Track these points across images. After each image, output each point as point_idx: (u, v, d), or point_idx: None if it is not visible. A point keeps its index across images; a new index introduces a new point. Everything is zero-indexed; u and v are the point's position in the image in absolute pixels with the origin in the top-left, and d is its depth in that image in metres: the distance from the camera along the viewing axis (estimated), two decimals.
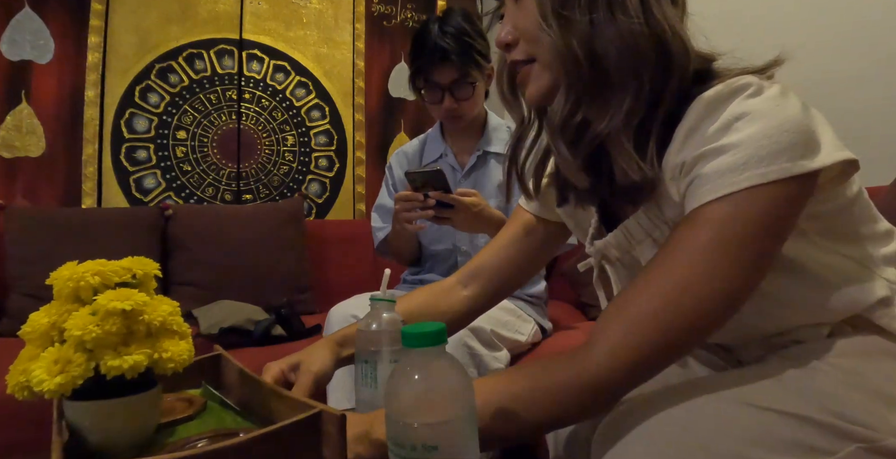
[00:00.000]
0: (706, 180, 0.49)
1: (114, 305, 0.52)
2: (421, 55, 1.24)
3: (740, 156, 0.48)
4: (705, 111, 0.51)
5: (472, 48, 1.23)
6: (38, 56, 1.91)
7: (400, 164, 1.44)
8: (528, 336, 1.15)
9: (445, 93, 1.26)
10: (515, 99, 0.64)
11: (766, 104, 0.49)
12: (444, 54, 1.20)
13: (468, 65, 1.22)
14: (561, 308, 1.70)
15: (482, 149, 1.36)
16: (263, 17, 2.30)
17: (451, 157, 1.39)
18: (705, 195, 0.49)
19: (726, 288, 0.48)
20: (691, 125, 0.51)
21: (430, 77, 1.25)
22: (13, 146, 1.87)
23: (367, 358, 0.64)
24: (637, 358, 0.48)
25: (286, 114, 2.32)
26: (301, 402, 0.54)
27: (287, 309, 1.46)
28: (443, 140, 1.41)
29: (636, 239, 0.60)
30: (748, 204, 0.47)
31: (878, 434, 0.47)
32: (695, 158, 0.50)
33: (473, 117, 1.34)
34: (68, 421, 0.53)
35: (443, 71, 1.23)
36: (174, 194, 2.11)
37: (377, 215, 1.43)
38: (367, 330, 0.64)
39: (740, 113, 0.49)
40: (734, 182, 0.47)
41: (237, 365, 0.71)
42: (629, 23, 0.52)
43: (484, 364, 0.96)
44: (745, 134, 0.48)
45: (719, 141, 0.49)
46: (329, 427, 0.49)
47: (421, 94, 1.31)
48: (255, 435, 0.47)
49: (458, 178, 1.36)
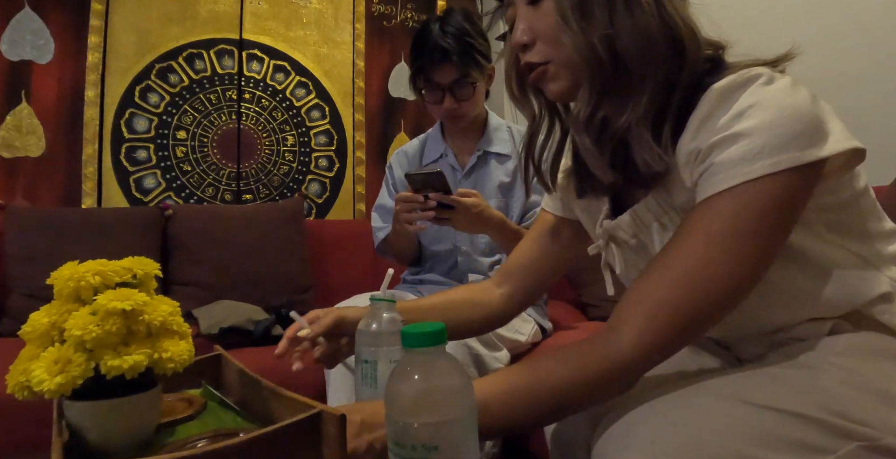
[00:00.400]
0: (719, 169, 0.51)
1: (114, 305, 0.52)
2: (421, 55, 1.24)
3: (752, 146, 0.49)
4: (718, 100, 0.52)
5: (473, 48, 1.23)
6: (38, 56, 1.91)
7: (400, 164, 1.43)
8: (528, 336, 1.15)
9: (446, 94, 1.26)
10: (525, 97, 0.66)
11: (777, 93, 0.50)
12: (444, 54, 1.20)
13: (469, 65, 1.22)
14: (561, 308, 1.70)
15: (482, 149, 1.35)
16: (263, 17, 2.30)
17: (451, 157, 1.39)
18: (719, 184, 0.50)
19: (737, 275, 0.50)
20: (705, 113, 0.53)
21: (430, 77, 1.24)
22: (13, 146, 1.87)
23: (368, 357, 0.64)
24: (659, 342, 0.51)
25: (286, 114, 2.32)
26: (301, 402, 0.54)
27: (287, 309, 1.46)
28: (443, 140, 1.40)
29: (644, 223, 0.62)
30: (759, 193, 0.49)
31: (878, 433, 0.47)
32: (709, 146, 0.52)
33: (474, 117, 1.34)
34: (68, 421, 0.53)
35: (443, 71, 1.23)
36: (174, 194, 2.11)
37: (377, 215, 1.43)
38: (367, 330, 0.64)
39: (753, 102, 0.50)
40: (747, 172, 0.49)
41: (237, 365, 0.71)
42: (644, 18, 0.54)
43: (484, 364, 0.96)
44: (757, 122, 0.49)
45: (732, 129, 0.50)
46: (329, 427, 0.49)
47: (421, 95, 1.31)
48: (255, 435, 0.47)
49: (459, 178, 1.36)
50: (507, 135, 1.38)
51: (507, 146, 1.36)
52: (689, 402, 0.50)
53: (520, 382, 0.54)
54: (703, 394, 0.51)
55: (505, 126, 1.40)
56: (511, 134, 1.39)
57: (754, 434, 0.46)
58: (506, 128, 1.39)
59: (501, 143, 1.36)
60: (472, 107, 1.30)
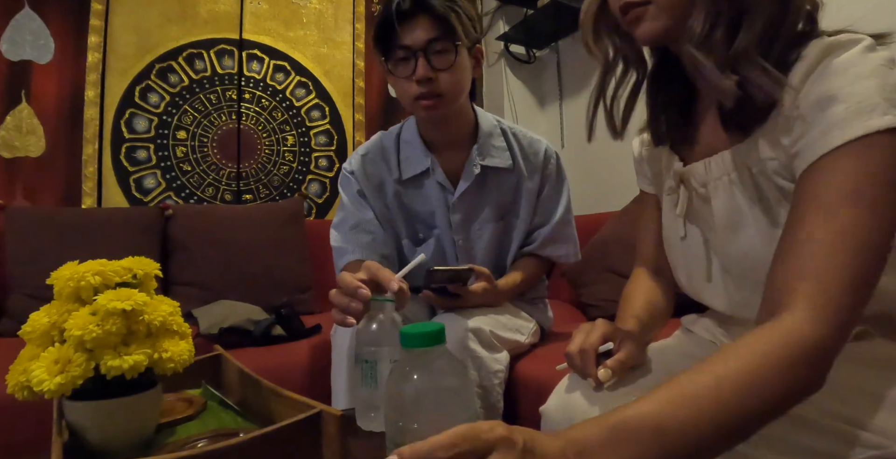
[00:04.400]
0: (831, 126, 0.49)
1: (114, 305, 0.52)
2: (386, 8, 0.97)
3: (867, 103, 0.48)
4: (824, 53, 0.51)
5: (457, 4, 0.99)
6: (38, 56, 1.91)
7: (368, 176, 1.13)
8: (528, 336, 1.15)
9: (419, 59, 0.97)
10: (599, 40, 0.65)
11: (883, 59, 0.50)
12: (420, 2, 0.95)
13: (450, 20, 0.95)
14: (561, 308, 1.70)
15: (477, 164, 1.09)
16: (263, 17, 2.30)
17: (439, 173, 1.10)
18: (833, 140, 0.48)
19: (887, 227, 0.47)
20: (810, 66, 0.52)
21: (398, 36, 0.96)
22: (13, 146, 1.87)
23: (368, 358, 0.64)
24: (842, 312, 0.45)
25: (286, 114, 2.32)
26: (301, 402, 0.55)
27: (287, 309, 1.46)
28: (425, 148, 1.11)
29: (714, 176, 0.62)
30: (883, 147, 0.47)
31: (891, 442, 0.46)
32: (817, 100, 0.50)
33: (456, 109, 1.05)
34: (68, 421, 0.53)
35: (417, 26, 0.95)
36: (174, 194, 2.11)
37: (339, 234, 1.11)
38: (367, 330, 0.64)
39: (860, 62, 0.49)
40: (864, 126, 0.47)
41: (237, 365, 0.71)
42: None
43: (485, 366, 0.96)
44: (869, 83, 0.48)
45: (842, 87, 0.49)
46: (329, 427, 0.49)
47: (386, 66, 1.01)
48: (255, 435, 0.47)
49: (451, 200, 1.11)
50: (503, 141, 1.13)
51: (507, 156, 1.12)
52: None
53: (693, 389, 0.42)
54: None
55: (499, 128, 1.15)
56: (508, 137, 1.14)
57: (759, 437, 0.45)
58: (500, 132, 1.14)
59: (500, 154, 1.11)
60: (452, 85, 1.00)
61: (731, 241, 0.61)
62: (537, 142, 1.17)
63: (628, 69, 0.67)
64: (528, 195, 1.14)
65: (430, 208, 1.13)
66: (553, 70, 2.54)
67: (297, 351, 1.32)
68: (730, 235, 0.61)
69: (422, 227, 1.15)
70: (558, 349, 1.13)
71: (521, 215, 1.14)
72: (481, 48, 1.07)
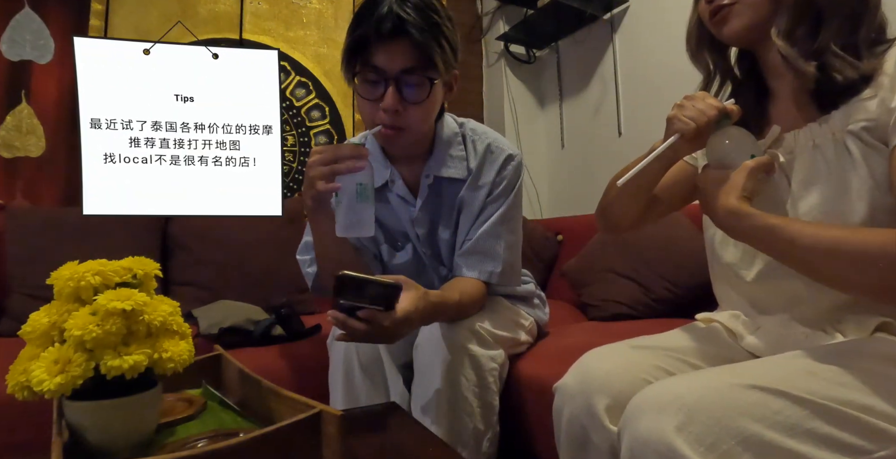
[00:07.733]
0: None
1: (114, 305, 0.52)
2: (365, 22, 0.87)
3: None
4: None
5: (440, 28, 0.89)
6: (38, 56, 1.91)
7: None
8: (526, 334, 1.15)
9: (390, 86, 0.89)
10: (700, 54, 0.78)
11: None
12: (399, 24, 0.86)
13: (430, 48, 0.88)
14: (561, 308, 1.70)
15: (431, 175, 1.05)
16: (263, 17, 2.30)
17: (399, 186, 1.07)
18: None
19: None
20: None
21: (372, 57, 0.88)
22: (13, 146, 1.87)
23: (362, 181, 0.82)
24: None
25: (286, 114, 2.32)
26: (301, 402, 0.55)
27: (287, 309, 1.46)
28: (385, 159, 1.07)
29: (801, 143, 0.68)
30: None
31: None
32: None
33: (417, 139, 1.00)
34: (68, 421, 0.54)
35: (393, 49, 0.87)
36: None
37: (304, 246, 1.10)
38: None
39: None
40: None
41: (237, 365, 0.71)
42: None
43: (481, 365, 0.96)
44: None
45: None
46: (329, 427, 0.49)
47: (355, 84, 0.93)
48: (255, 435, 0.47)
49: (413, 214, 1.07)
50: (461, 150, 1.07)
51: (462, 166, 1.06)
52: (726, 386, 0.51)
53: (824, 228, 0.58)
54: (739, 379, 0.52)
55: (460, 136, 1.08)
56: (467, 144, 1.08)
57: (785, 427, 0.47)
58: (460, 140, 1.08)
59: (456, 163, 1.06)
60: (419, 121, 0.95)
61: (803, 196, 0.67)
62: (498, 148, 1.08)
63: (725, 81, 0.79)
64: (476, 202, 1.06)
65: (397, 221, 1.10)
66: (553, 70, 2.54)
67: (297, 351, 1.32)
68: (803, 191, 0.67)
69: (399, 235, 1.13)
70: (558, 349, 1.14)
71: (467, 212, 1.06)
72: (457, 74, 1.00)
